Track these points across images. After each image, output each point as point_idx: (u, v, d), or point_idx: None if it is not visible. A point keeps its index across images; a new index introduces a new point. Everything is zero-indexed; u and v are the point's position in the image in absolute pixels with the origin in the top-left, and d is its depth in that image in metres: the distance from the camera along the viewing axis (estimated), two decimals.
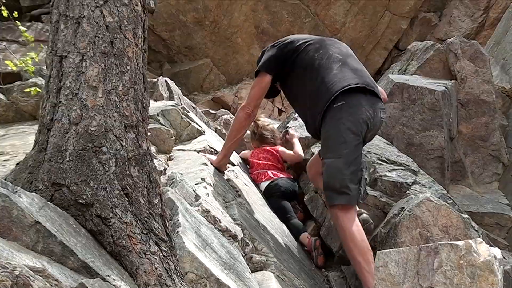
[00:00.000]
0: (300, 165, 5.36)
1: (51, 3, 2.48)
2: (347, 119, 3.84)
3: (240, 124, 4.40)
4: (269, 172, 5.06)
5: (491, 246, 2.70)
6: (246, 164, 5.55)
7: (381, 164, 4.53)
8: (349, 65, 4.09)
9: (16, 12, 5.69)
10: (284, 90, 4.50)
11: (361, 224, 3.86)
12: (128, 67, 2.40)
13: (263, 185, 4.98)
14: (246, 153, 5.65)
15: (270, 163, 5.18)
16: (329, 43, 4.32)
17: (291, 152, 5.32)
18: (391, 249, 2.37)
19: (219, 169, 4.38)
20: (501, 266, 2.22)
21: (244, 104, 4.41)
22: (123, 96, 2.36)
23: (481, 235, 4.04)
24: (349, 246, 3.71)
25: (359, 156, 3.93)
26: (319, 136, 4.10)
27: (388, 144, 5.09)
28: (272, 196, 4.91)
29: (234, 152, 5.56)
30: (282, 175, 5.11)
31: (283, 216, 4.78)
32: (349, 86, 3.87)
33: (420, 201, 3.98)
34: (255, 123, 5.57)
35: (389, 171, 4.46)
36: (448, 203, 4.08)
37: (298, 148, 5.32)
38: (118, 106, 2.34)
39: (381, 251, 2.40)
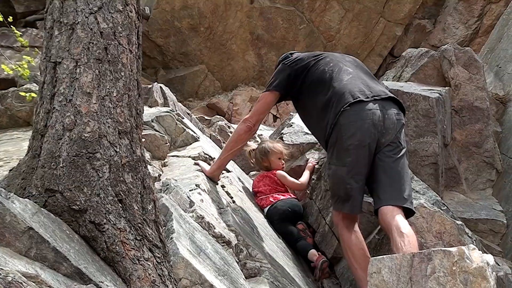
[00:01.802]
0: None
1: (45, 10, 2.48)
2: (349, 125, 3.77)
3: (239, 136, 4.38)
4: (270, 197, 4.95)
5: (484, 252, 2.70)
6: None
7: None
8: (360, 77, 4.05)
9: (10, 18, 5.69)
10: (296, 106, 4.49)
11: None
12: (122, 74, 2.40)
13: (265, 210, 4.90)
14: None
15: (270, 187, 5.03)
16: (340, 57, 4.31)
17: (293, 180, 5.11)
18: (384, 256, 2.38)
19: (212, 179, 4.33)
20: (494, 273, 2.22)
21: (246, 117, 4.38)
22: (117, 102, 2.36)
23: (474, 242, 4.05)
24: (347, 254, 3.74)
25: (366, 164, 3.78)
26: None
27: None
28: (274, 220, 4.78)
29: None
30: (282, 197, 4.96)
31: (289, 240, 4.69)
32: (357, 98, 3.81)
33: (414, 207, 3.98)
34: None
35: None
36: (442, 210, 4.08)
37: (304, 178, 5.16)
38: (112, 112, 2.34)
39: (375, 257, 2.40)
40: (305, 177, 5.13)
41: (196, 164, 4.48)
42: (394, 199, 3.68)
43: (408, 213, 3.69)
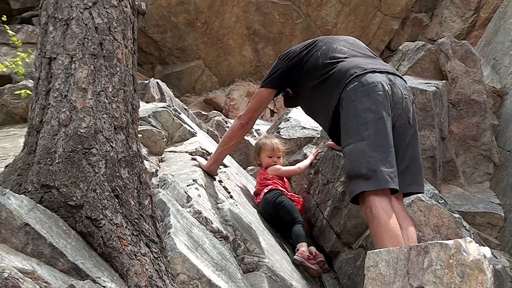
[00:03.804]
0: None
1: (40, 5, 2.47)
2: (363, 98, 3.56)
3: (232, 132, 4.37)
4: (258, 199, 4.80)
5: (482, 245, 2.71)
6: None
7: None
8: (358, 54, 3.93)
9: (4, 16, 5.68)
10: (297, 100, 4.42)
11: None
12: (118, 69, 2.40)
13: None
14: None
15: (259, 186, 4.89)
16: (333, 38, 4.19)
17: (287, 168, 5.05)
18: (381, 249, 2.38)
19: (209, 174, 4.33)
20: (491, 265, 2.23)
21: (240, 114, 4.39)
22: (112, 98, 2.35)
23: (472, 235, 4.05)
24: (383, 240, 3.26)
25: (386, 136, 3.50)
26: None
27: None
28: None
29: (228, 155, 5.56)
30: (263, 193, 4.75)
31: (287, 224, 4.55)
32: (362, 71, 3.66)
33: (412, 201, 3.98)
34: None
35: None
36: (439, 203, 4.08)
37: (303, 164, 5.07)
38: (108, 107, 2.33)
39: (372, 251, 2.40)
40: (304, 163, 5.09)
41: (193, 159, 4.47)
42: (409, 185, 3.63)
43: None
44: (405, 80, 3.83)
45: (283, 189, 4.78)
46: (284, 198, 4.59)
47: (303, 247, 4.20)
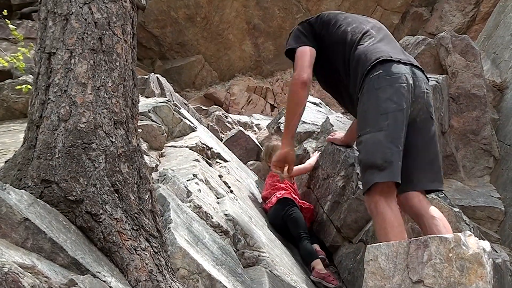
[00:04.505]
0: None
1: (39, 0, 2.47)
2: (386, 88, 3.47)
3: (297, 94, 3.87)
4: (268, 203, 4.72)
5: (482, 239, 2.71)
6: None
7: None
8: (385, 40, 3.81)
9: (5, 11, 5.67)
10: (314, 70, 4.06)
11: None
12: (117, 64, 2.40)
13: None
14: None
15: (269, 190, 4.83)
16: (362, 18, 4.05)
17: (298, 167, 4.94)
18: (381, 243, 2.38)
19: (288, 156, 3.96)
20: (491, 259, 2.23)
21: (294, 75, 3.88)
22: (112, 93, 2.35)
23: (472, 229, 4.06)
24: (387, 236, 3.20)
25: (402, 129, 3.43)
26: None
27: None
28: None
29: (226, 148, 5.56)
30: (275, 199, 4.68)
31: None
32: (388, 57, 3.57)
33: None
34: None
35: None
36: (439, 197, 4.09)
37: (311, 159, 5.07)
38: (108, 102, 2.33)
39: (371, 245, 2.41)
40: (313, 158, 5.07)
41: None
42: (426, 183, 3.55)
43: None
44: (426, 74, 3.76)
45: (296, 197, 4.78)
46: (294, 211, 4.53)
47: (318, 265, 4.14)
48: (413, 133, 3.52)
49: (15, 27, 5.83)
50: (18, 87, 5.18)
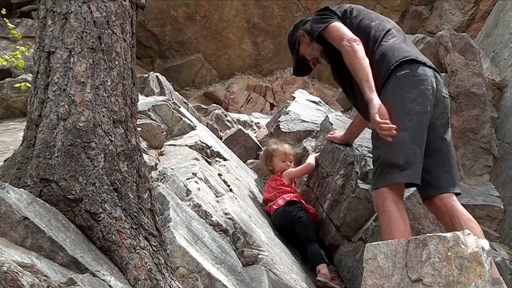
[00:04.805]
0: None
1: None
2: (412, 88, 3.48)
3: (358, 52, 3.61)
4: (274, 205, 4.67)
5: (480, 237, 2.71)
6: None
7: (372, 157, 4.53)
8: (406, 42, 3.80)
9: (4, 10, 5.67)
10: (331, 63, 4.08)
11: None
12: (116, 62, 2.40)
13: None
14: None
15: (273, 193, 4.79)
16: (383, 17, 4.02)
17: (299, 168, 5.01)
18: (380, 242, 2.38)
19: (381, 108, 3.43)
20: (489, 258, 2.23)
21: (344, 41, 3.67)
22: (111, 91, 2.36)
23: None
24: (392, 235, 3.25)
25: (425, 132, 3.46)
26: None
27: None
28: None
29: (225, 147, 5.56)
30: (281, 201, 4.66)
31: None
32: (415, 57, 3.59)
33: (411, 193, 3.99)
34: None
35: None
36: None
37: (310, 159, 5.02)
38: (107, 101, 2.34)
39: (370, 243, 2.41)
40: (312, 157, 5.04)
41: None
42: (453, 186, 3.56)
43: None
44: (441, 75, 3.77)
45: (303, 201, 4.78)
46: (303, 214, 4.53)
47: (324, 269, 4.13)
48: (436, 137, 3.56)
49: (14, 26, 5.82)
50: (18, 85, 5.18)
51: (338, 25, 3.80)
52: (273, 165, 5.01)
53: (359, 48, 3.62)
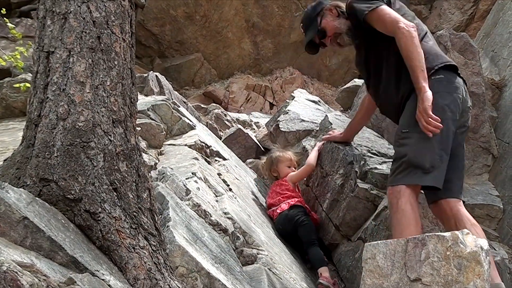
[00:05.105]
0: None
1: None
2: (445, 94, 3.51)
3: (416, 40, 3.58)
4: (278, 209, 4.66)
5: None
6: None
7: (371, 156, 4.54)
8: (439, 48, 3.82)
9: (4, 9, 5.67)
10: (358, 45, 4.08)
11: None
12: (116, 62, 2.40)
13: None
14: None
15: (277, 198, 4.78)
16: (418, 19, 3.98)
17: (300, 170, 4.96)
18: (379, 241, 2.39)
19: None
20: (488, 257, 2.23)
21: (401, 24, 3.61)
22: (110, 91, 2.36)
23: None
24: (403, 233, 3.26)
25: (451, 140, 3.50)
26: (398, 113, 3.72)
27: (379, 137, 5.11)
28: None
29: (225, 146, 5.56)
30: (285, 206, 4.65)
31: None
32: (453, 64, 3.63)
33: None
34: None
35: (380, 164, 4.47)
36: None
37: (311, 157, 4.96)
38: (106, 101, 2.34)
39: (369, 243, 2.41)
40: (311, 156, 4.98)
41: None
42: (461, 193, 3.65)
43: None
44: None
45: (307, 206, 4.78)
46: (307, 218, 4.54)
47: (326, 272, 4.13)
48: (455, 144, 3.57)
49: (14, 26, 5.82)
50: (17, 85, 5.18)
51: (389, 9, 3.75)
52: (279, 171, 5.01)
53: (416, 35, 3.59)
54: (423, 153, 3.43)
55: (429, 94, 3.41)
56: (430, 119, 3.36)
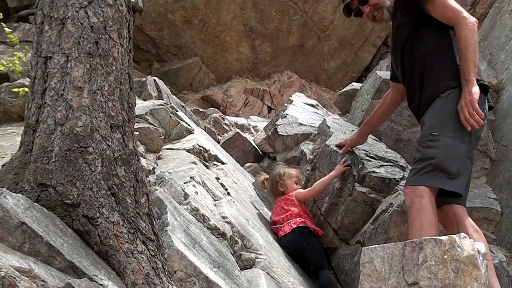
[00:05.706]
0: None
1: (35, 4, 2.48)
2: (482, 103, 3.49)
3: (476, 35, 3.55)
4: (285, 227, 4.58)
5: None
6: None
7: (369, 160, 4.54)
8: None
9: (1, 14, 5.66)
10: (398, 34, 3.97)
11: None
12: (114, 67, 2.40)
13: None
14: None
15: (283, 216, 4.68)
16: None
17: (307, 191, 4.86)
18: (376, 245, 2.39)
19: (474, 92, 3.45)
20: (485, 261, 2.24)
21: (465, 14, 3.57)
22: (108, 96, 2.36)
23: None
24: (422, 230, 3.31)
25: (475, 149, 3.66)
26: (424, 107, 3.71)
27: (377, 140, 5.12)
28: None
29: (223, 150, 5.57)
30: (288, 229, 4.56)
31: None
32: (486, 83, 3.62)
33: None
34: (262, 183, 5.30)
35: (378, 167, 4.47)
36: None
37: (318, 184, 4.78)
38: (104, 106, 2.34)
39: (367, 247, 2.41)
40: (325, 180, 4.73)
41: None
42: (466, 200, 3.69)
43: None
44: None
45: (311, 224, 4.68)
46: (312, 241, 4.47)
47: None
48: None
49: (11, 30, 5.82)
50: (15, 90, 5.18)
51: None
52: (287, 186, 4.95)
53: (477, 30, 3.56)
54: (452, 158, 3.44)
55: (477, 88, 3.41)
56: (474, 112, 3.36)
